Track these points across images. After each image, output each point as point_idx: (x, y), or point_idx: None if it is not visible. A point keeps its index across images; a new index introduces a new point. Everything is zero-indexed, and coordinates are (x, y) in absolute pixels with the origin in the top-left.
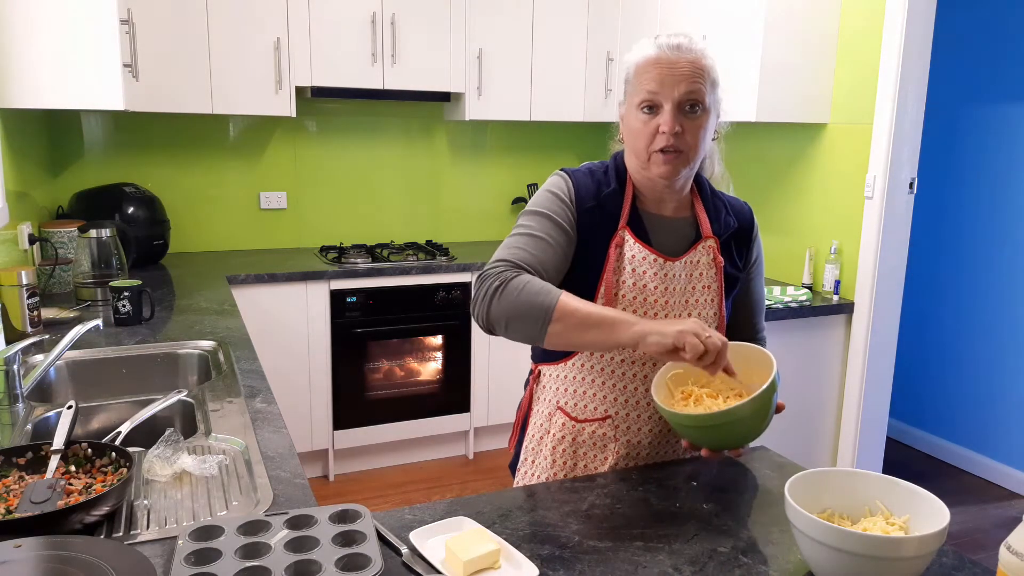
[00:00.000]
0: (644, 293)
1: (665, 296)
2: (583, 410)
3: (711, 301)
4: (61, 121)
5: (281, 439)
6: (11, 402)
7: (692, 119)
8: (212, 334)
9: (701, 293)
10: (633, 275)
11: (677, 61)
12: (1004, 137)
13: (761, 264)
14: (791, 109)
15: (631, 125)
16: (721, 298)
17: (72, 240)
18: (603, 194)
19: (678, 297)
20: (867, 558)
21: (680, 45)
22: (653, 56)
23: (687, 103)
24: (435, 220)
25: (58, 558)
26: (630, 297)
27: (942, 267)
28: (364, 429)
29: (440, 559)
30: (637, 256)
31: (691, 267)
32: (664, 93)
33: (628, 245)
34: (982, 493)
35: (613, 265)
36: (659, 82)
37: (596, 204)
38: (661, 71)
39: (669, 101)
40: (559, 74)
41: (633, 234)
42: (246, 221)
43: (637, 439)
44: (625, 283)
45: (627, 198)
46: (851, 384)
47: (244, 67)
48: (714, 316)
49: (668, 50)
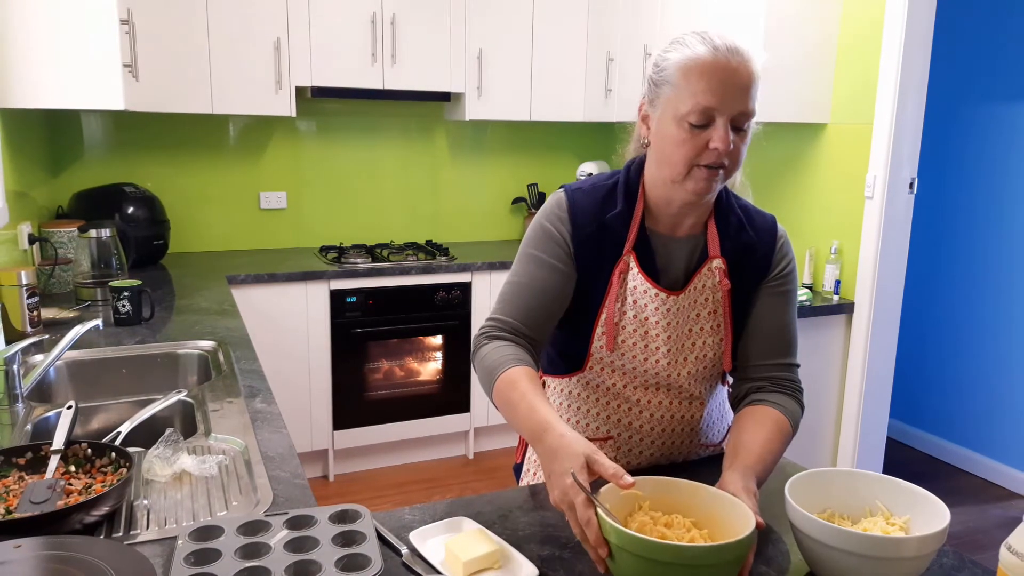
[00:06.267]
0: (646, 326)
1: (667, 331)
2: (584, 428)
3: (716, 328)
4: (61, 121)
5: (281, 439)
6: (11, 402)
7: (742, 134)
8: (212, 334)
9: (706, 320)
10: (635, 307)
11: (738, 69)
12: (1004, 137)
13: (792, 286)
14: (791, 109)
15: (670, 134)
16: (728, 323)
17: (72, 240)
18: (607, 215)
19: (681, 329)
20: (867, 558)
21: (739, 49)
22: (708, 59)
23: (742, 118)
24: (435, 220)
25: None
26: (630, 329)
27: (942, 267)
28: (364, 429)
29: (440, 559)
30: (639, 288)
31: (695, 294)
32: (723, 107)
33: (631, 275)
34: (982, 493)
35: (616, 293)
36: (718, 93)
37: (598, 228)
38: (720, 79)
39: (726, 115)
40: (559, 74)
41: (638, 261)
42: (246, 221)
43: (638, 461)
44: (627, 315)
45: (635, 219)
46: (851, 384)
47: (244, 67)
48: (719, 344)
49: (727, 53)
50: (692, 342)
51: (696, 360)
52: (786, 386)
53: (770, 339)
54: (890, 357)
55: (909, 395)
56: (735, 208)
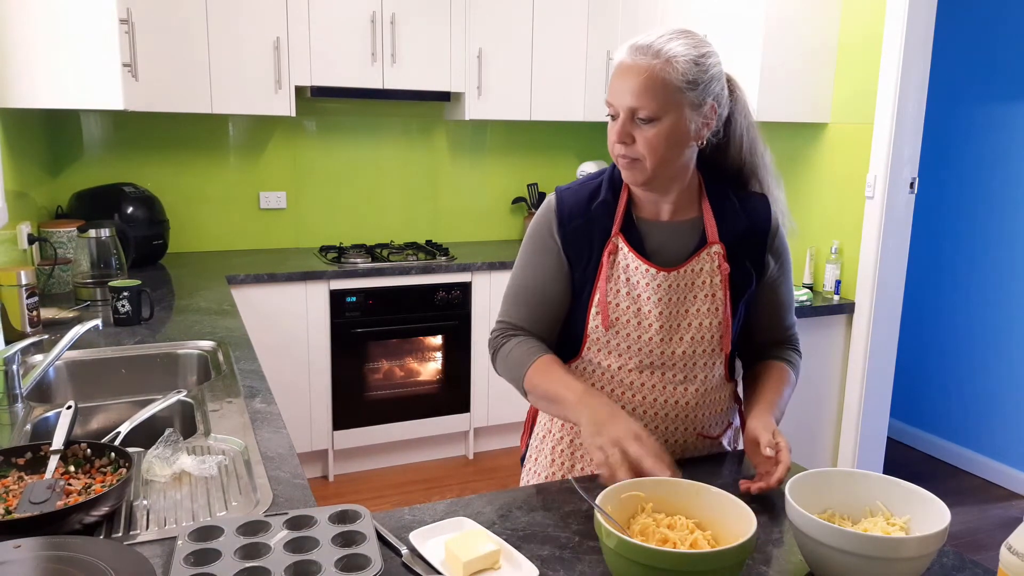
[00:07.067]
0: (638, 303)
1: (659, 307)
2: None
3: (714, 310)
4: (60, 121)
5: (281, 439)
6: (10, 402)
7: (642, 129)
8: (211, 334)
9: (703, 302)
10: (627, 285)
11: (632, 68)
12: (1004, 137)
13: (786, 264)
14: (792, 109)
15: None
16: (727, 307)
17: (71, 240)
18: (593, 206)
19: (675, 308)
20: (867, 558)
21: (642, 47)
22: (617, 62)
23: (637, 112)
24: (435, 220)
25: (57, 558)
26: (624, 306)
27: (942, 267)
28: (364, 429)
29: (440, 560)
30: (631, 266)
31: (691, 276)
32: (617, 102)
33: (622, 254)
34: (982, 493)
35: (607, 274)
36: (614, 90)
37: (585, 220)
38: (619, 77)
39: (620, 110)
40: (559, 74)
41: (627, 242)
42: (245, 221)
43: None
44: (619, 293)
45: (620, 206)
46: (852, 384)
47: (244, 67)
48: (717, 326)
49: (628, 54)
50: (688, 322)
51: (691, 340)
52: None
53: (775, 312)
54: (890, 357)
55: (909, 395)
56: (729, 194)
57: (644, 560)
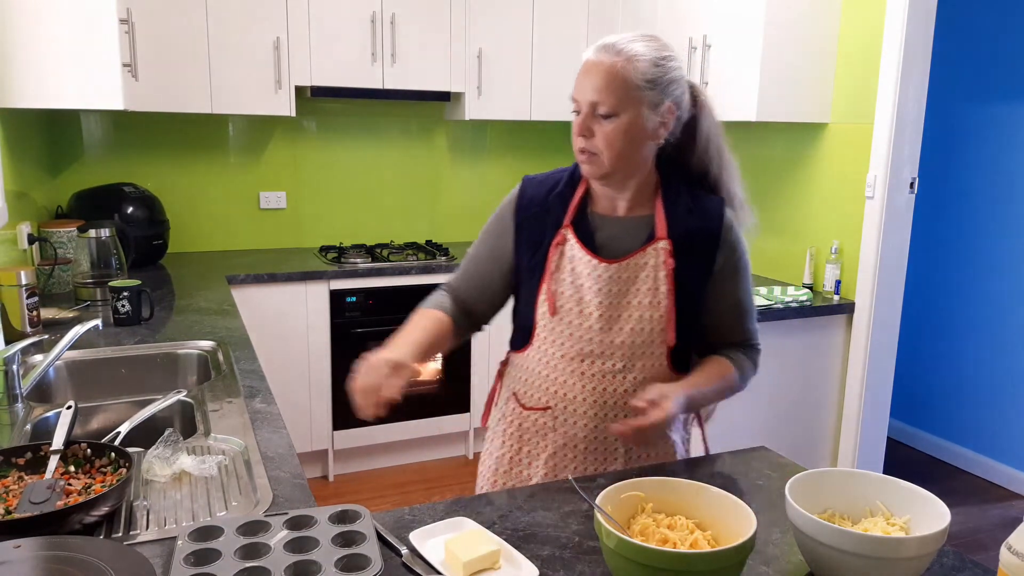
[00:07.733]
0: (580, 292)
1: (599, 297)
2: (530, 398)
3: (656, 303)
4: (60, 121)
5: (281, 439)
6: (10, 402)
7: (602, 124)
8: (211, 334)
9: (645, 295)
10: (572, 274)
11: (596, 64)
12: (1004, 137)
13: (741, 268)
14: (791, 109)
15: None
16: (671, 302)
17: (71, 240)
18: (551, 197)
19: (615, 299)
20: (867, 558)
21: (607, 46)
22: (584, 59)
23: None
24: (435, 220)
25: (57, 558)
26: (568, 295)
27: (942, 267)
28: (364, 429)
29: (440, 560)
30: (576, 257)
31: (634, 269)
32: (579, 97)
33: (569, 245)
34: (983, 493)
35: (553, 266)
36: (578, 86)
37: (542, 209)
38: (583, 74)
39: (581, 104)
40: (559, 74)
41: (576, 235)
42: (246, 221)
43: (573, 431)
44: (564, 281)
45: (575, 199)
46: (852, 384)
47: (244, 67)
48: (659, 319)
49: (594, 52)
50: (629, 313)
51: (631, 331)
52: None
53: (725, 317)
54: (890, 357)
55: (909, 395)
56: (683, 194)
57: (644, 560)
